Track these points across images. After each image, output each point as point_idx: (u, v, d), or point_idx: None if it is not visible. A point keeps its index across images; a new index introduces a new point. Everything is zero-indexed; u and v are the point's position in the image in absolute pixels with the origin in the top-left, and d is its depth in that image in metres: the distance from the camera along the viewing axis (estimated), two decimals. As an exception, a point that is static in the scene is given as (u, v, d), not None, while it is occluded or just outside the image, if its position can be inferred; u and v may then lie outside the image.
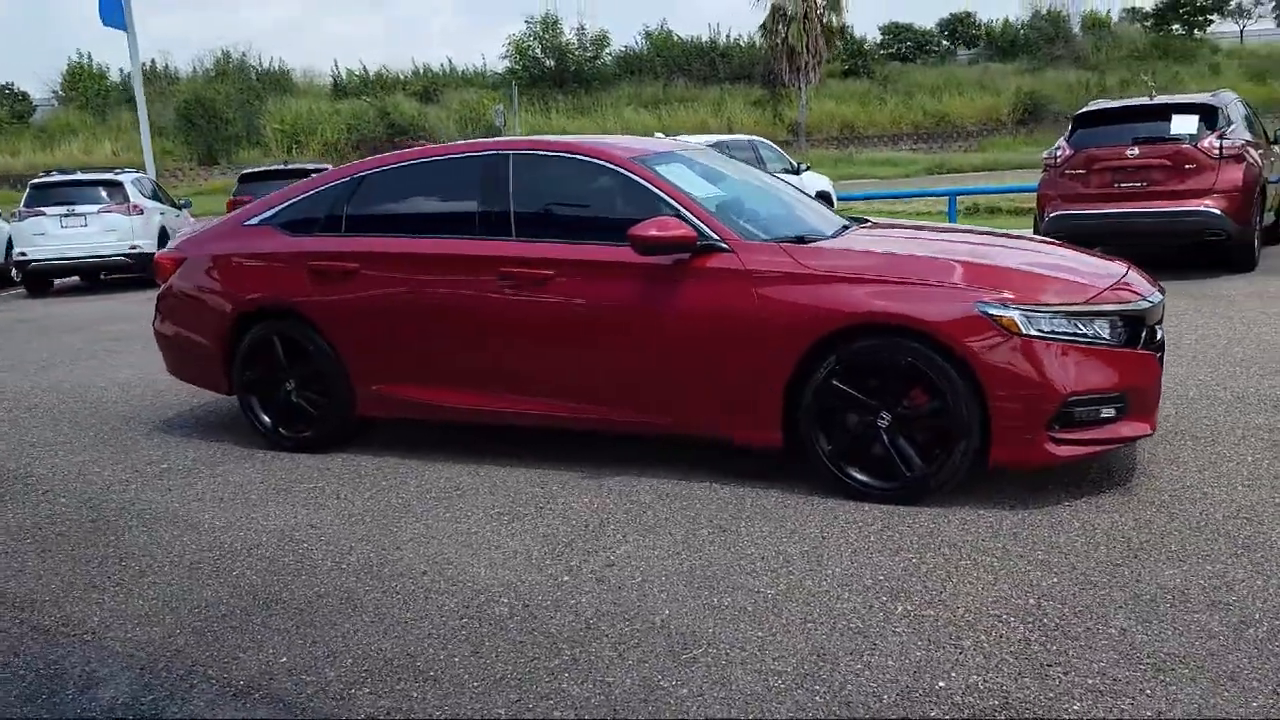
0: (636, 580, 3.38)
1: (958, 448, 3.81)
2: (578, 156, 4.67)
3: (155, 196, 16.08)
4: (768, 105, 44.09)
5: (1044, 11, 47.96)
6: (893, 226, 5.14)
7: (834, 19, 39.58)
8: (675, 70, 47.41)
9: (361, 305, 4.83)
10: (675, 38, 49.06)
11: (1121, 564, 3.29)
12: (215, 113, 41.94)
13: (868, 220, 5.17)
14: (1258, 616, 2.89)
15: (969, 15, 49.32)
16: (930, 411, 3.86)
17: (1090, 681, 2.60)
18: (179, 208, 16.96)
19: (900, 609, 3.07)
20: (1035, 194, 10.54)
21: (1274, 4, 52.23)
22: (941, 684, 2.64)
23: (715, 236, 4.18)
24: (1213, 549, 3.35)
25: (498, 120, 38.21)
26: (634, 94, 46.07)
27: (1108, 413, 3.83)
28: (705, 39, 48.91)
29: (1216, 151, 9.18)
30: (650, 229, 4.12)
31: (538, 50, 47.39)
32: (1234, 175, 9.18)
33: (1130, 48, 46.44)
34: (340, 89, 47.49)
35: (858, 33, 47.69)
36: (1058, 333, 3.74)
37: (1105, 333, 3.83)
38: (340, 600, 3.36)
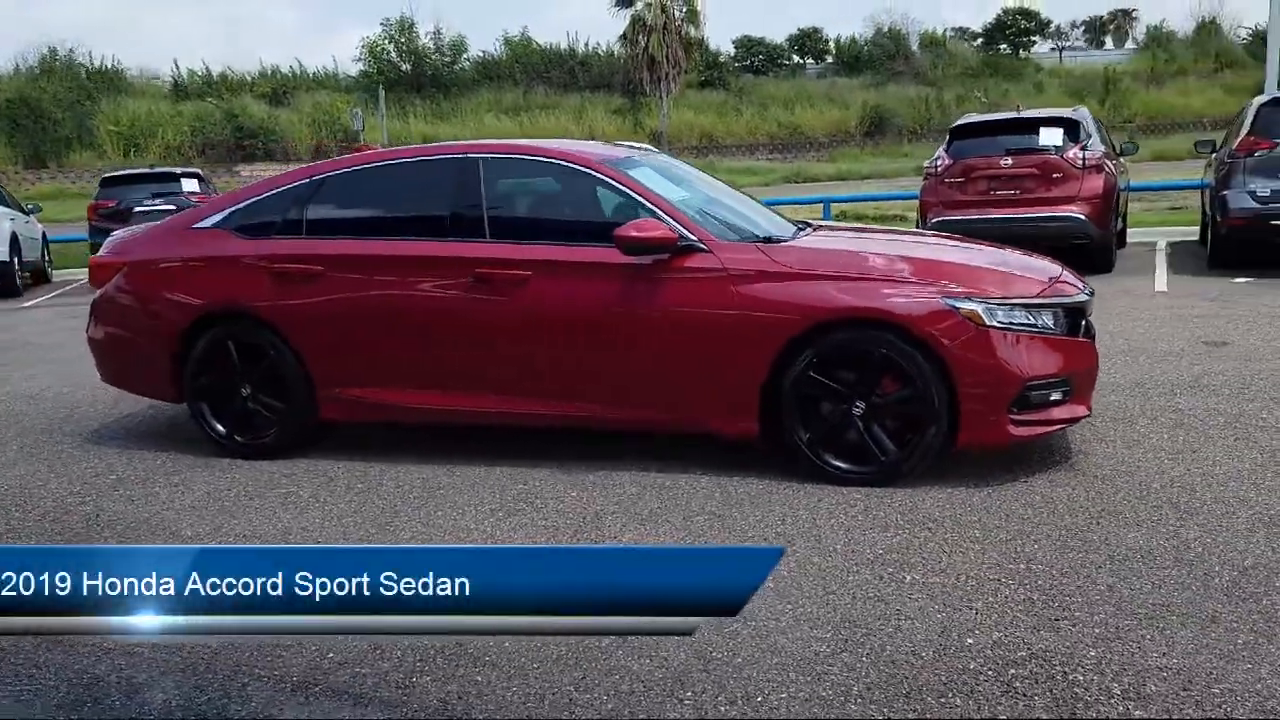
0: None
1: (929, 432, 4.13)
2: (551, 160, 4.80)
3: (2, 201, 15.12)
4: (628, 114, 44.68)
5: (885, 29, 50.31)
6: (840, 229, 5.46)
7: (692, 31, 40.47)
8: (535, 77, 47.44)
9: (326, 308, 4.80)
10: (534, 45, 49.13)
11: (1088, 530, 3.66)
12: (42, 113, 39.41)
13: (811, 223, 5.47)
14: (1218, 569, 3.28)
15: (817, 31, 51.34)
16: (901, 399, 4.17)
17: (1097, 631, 2.92)
18: (27, 213, 15.97)
19: (909, 578, 3.34)
20: (917, 200, 11.20)
21: (1084, 29, 56.64)
22: (970, 640, 2.90)
23: (693, 237, 4.38)
24: (1161, 514, 3.76)
25: (355, 123, 37.40)
26: (494, 100, 45.86)
27: (1055, 396, 4.22)
28: (564, 47, 49.17)
29: (1080, 162, 10.01)
30: (636, 230, 4.29)
31: (393, 54, 46.59)
32: (1095, 184, 10.03)
33: (964, 65, 49.28)
34: (181, 90, 45.41)
35: (712, 45, 48.90)
36: (1014, 323, 4.11)
37: (1052, 323, 4.22)
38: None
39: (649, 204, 4.51)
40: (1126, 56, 51.08)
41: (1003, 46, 51.11)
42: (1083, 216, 9.90)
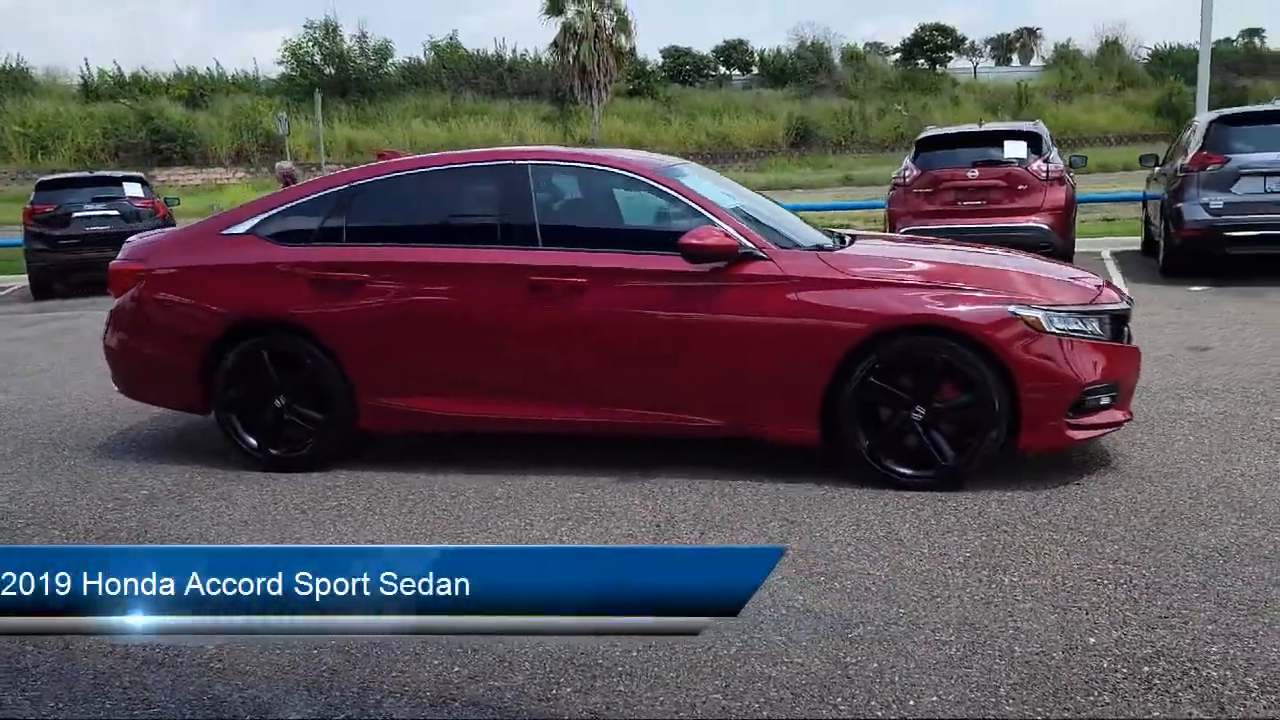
0: (749, 571, 3.55)
1: (989, 436, 4.23)
2: (601, 167, 4.79)
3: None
4: (558, 121, 44.63)
5: (809, 44, 51.25)
6: (881, 239, 5.55)
7: (623, 40, 40.62)
8: (463, 83, 47.05)
9: (372, 316, 4.71)
10: (462, 50, 48.75)
11: (1158, 530, 3.79)
12: (-60, 113, 37.69)
13: (851, 232, 5.52)
14: (1296, 564, 3.44)
15: (742, 43, 52.08)
16: (961, 404, 4.26)
17: (1210, 628, 3.02)
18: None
19: (1007, 580, 3.41)
20: (885, 210, 11.44)
21: (991, 47, 58.55)
22: (1092, 640, 2.99)
23: (751, 245, 4.42)
24: (1220, 514, 3.91)
25: (281, 128, 36.50)
26: (421, 106, 45.34)
27: (1105, 401, 4.37)
28: (492, 53, 48.92)
29: (1044, 174, 10.36)
30: (699, 237, 4.31)
31: (317, 57, 45.71)
32: (1058, 195, 10.39)
33: (884, 79, 50.46)
34: (91, 90, 43.83)
35: (640, 55, 49.15)
36: (1071, 330, 4.24)
37: (1100, 330, 4.37)
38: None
39: (706, 211, 4.53)
40: (1036, 74, 52.87)
41: (920, 62, 52.44)
42: (1046, 226, 10.23)
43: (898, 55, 52.86)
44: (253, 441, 4.91)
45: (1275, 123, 10.17)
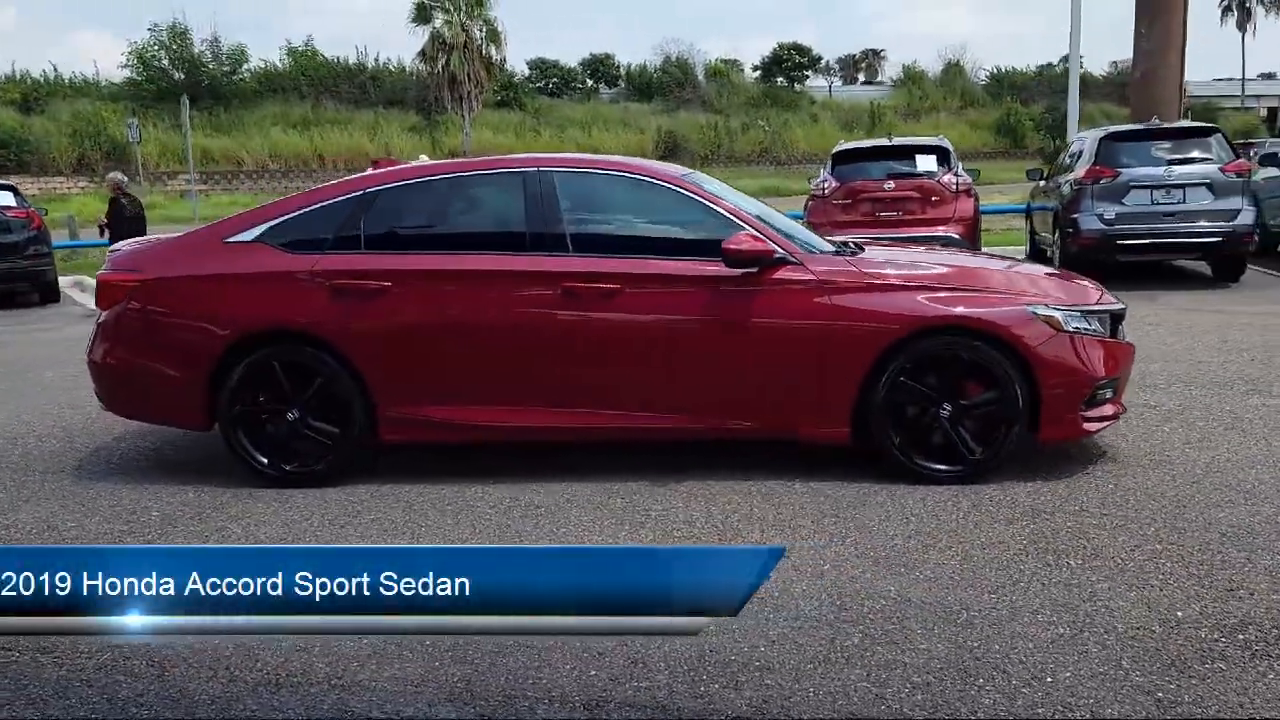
0: (830, 566, 3.65)
1: (1013, 430, 4.47)
2: (626, 174, 4.82)
3: None
4: (425, 132, 43.94)
5: (673, 59, 52.12)
6: (889, 247, 5.72)
7: (494, 51, 40.36)
8: (323, 91, 45.74)
9: (395, 325, 4.60)
10: (320, 57, 47.36)
11: (1181, 512, 4.08)
12: None
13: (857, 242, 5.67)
14: (1318, 538, 3.78)
15: (609, 56, 52.47)
16: (986, 400, 4.48)
17: (1274, 598, 3.30)
18: None
19: (1073, 563, 3.62)
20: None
21: (839, 66, 61.02)
22: (1180, 613, 3.21)
23: (783, 250, 4.54)
24: (1229, 496, 4.24)
25: (131, 135, 34.66)
26: (280, 114, 43.80)
27: (1108, 394, 4.68)
28: (353, 61, 47.75)
29: (954, 186, 10.92)
30: (738, 243, 4.40)
31: (164, 61, 43.55)
32: (966, 205, 10.98)
33: (746, 95, 51.84)
34: (-96, 92, 40.56)
35: (506, 66, 48.94)
36: (1082, 329, 4.53)
37: (1103, 328, 4.67)
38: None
39: (734, 217, 4.63)
40: (886, 93, 55.32)
41: (779, 79, 54.08)
42: (957, 236, 10.76)
43: (758, 73, 54.31)
44: (263, 458, 4.70)
45: (1158, 140, 11.01)
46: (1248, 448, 4.90)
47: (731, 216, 4.64)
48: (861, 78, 71.73)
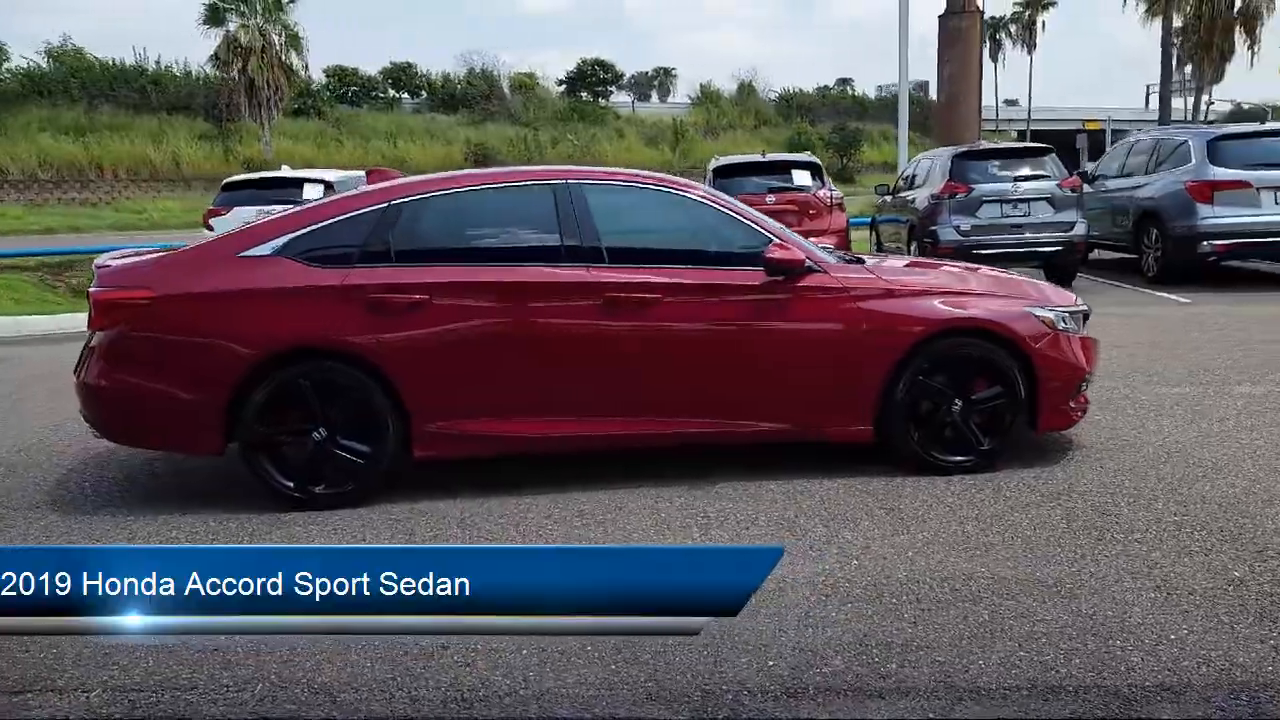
0: (913, 553, 3.91)
1: (1015, 422, 4.89)
2: (655, 187, 4.94)
3: None
4: (217, 140, 41.66)
5: (478, 70, 51.79)
6: (885, 256, 6.06)
7: (295, 57, 38.77)
8: (98, 95, 42.43)
9: (433, 339, 4.51)
10: (88, 57, 43.92)
11: (1176, 488, 4.58)
12: None
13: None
14: (1295, 503, 4.38)
15: (410, 65, 51.45)
16: (993, 395, 4.88)
17: (1297, 553, 3.83)
18: None
19: (1119, 536, 4.03)
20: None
21: (632, 83, 62.48)
22: (1236, 574, 3.66)
23: (809, 259, 4.78)
24: (1203, 472, 4.80)
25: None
26: (49, 119, 40.31)
27: (1086, 387, 5.19)
28: (131, 63, 44.57)
29: (829, 200, 11.60)
30: (778, 252, 4.61)
31: (-95, 58, 39.24)
32: (840, 218, 11.70)
33: (553, 109, 52.19)
34: None
35: (303, 73, 47.08)
36: (1069, 328, 5.01)
37: (1079, 327, 5.19)
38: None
39: (760, 228, 4.84)
40: (685, 110, 57.11)
41: (584, 94, 54.77)
42: (833, 246, 11.41)
43: (562, 87, 54.78)
44: (288, 481, 4.48)
45: (1001, 158, 12.09)
46: (1198, 427, 5.54)
47: (756, 227, 4.85)
48: (655, 96, 73.69)
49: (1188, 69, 41.56)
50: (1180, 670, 3.00)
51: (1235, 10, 32.64)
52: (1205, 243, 11.02)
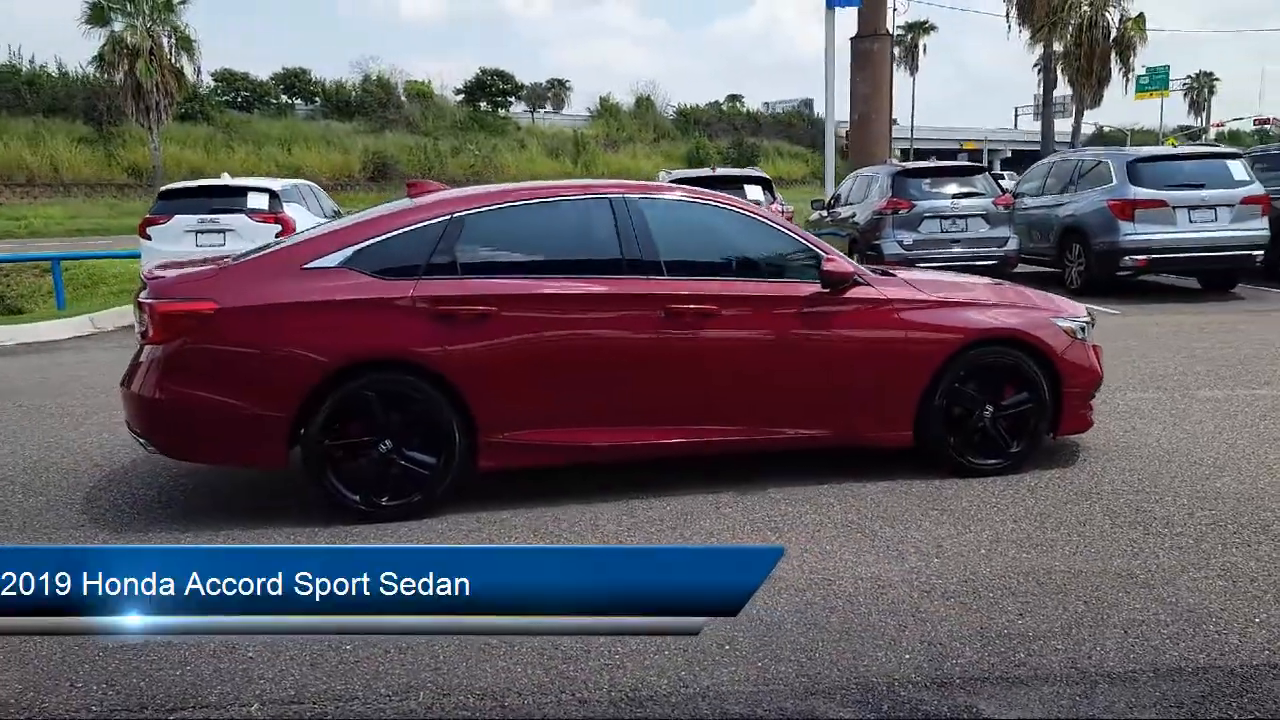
0: (986, 550, 4.14)
1: (1041, 425, 5.19)
2: (704, 202, 5.10)
3: None
4: (98, 144, 39.91)
5: (374, 77, 50.91)
6: (901, 268, 6.27)
7: (185, 60, 37.35)
8: (-39, 96, 40.19)
9: (501, 350, 4.53)
10: (-49, 57, 41.56)
11: (1187, 486, 4.93)
12: None
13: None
14: (1301, 497, 4.78)
15: (304, 71, 50.23)
16: (1019, 401, 5.17)
17: (1324, 541, 4.20)
18: None
19: (1163, 530, 4.33)
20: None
21: (525, 95, 62.32)
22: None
23: (856, 272, 4.99)
24: (1208, 471, 5.19)
25: None
26: (-88, 120, 38.00)
27: (1095, 392, 5.54)
28: (3, 62, 42.31)
29: (780, 214, 11.89)
30: (833, 265, 4.81)
31: None
32: (789, 233, 12.00)
33: (453, 119, 51.71)
34: None
35: (190, 76, 45.45)
36: (1084, 336, 5.35)
37: (1088, 335, 5.54)
38: (796, 615, 3.55)
39: (804, 241, 5.05)
40: (585, 122, 57.37)
41: (483, 104, 54.45)
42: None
43: (460, 96, 54.33)
44: (353, 494, 4.43)
45: (938, 176, 12.65)
46: (1169, 432, 5.96)
47: (801, 240, 5.03)
48: (549, 107, 73.70)
49: (1057, 93, 44.09)
50: (1277, 649, 3.28)
51: (1111, 39, 34.83)
52: (1127, 257, 11.75)
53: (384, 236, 4.59)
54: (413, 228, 4.62)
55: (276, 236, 11.31)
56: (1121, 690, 3.04)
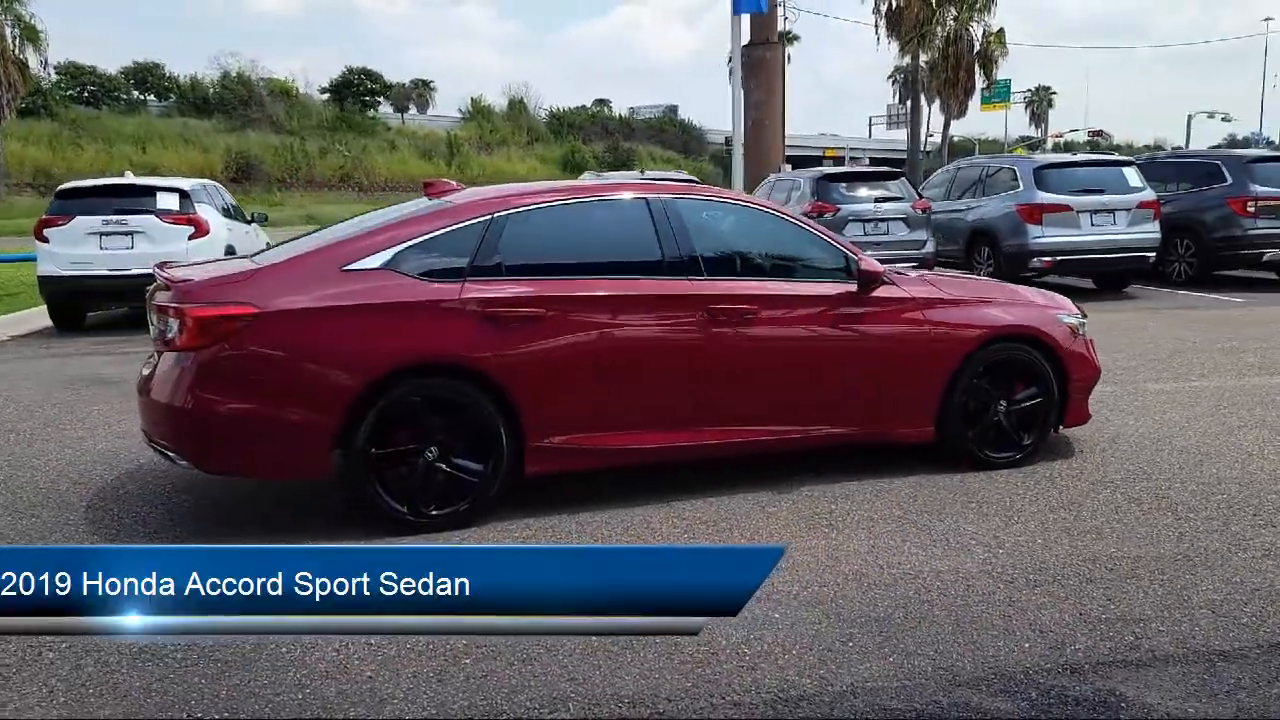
0: (1041, 541, 4.26)
1: (1049, 419, 5.38)
2: (735, 202, 5.12)
3: None
4: (-71, 140, 36.92)
5: (234, 74, 48.87)
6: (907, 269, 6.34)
7: (31, 53, 34.96)
8: None
9: (551, 352, 4.40)
10: None
11: (1190, 471, 5.21)
12: None
13: None
14: (1293, 480, 5.11)
15: (157, 66, 47.77)
16: (1031, 395, 5.34)
17: (1335, 520, 4.50)
18: None
19: (1191, 515, 4.55)
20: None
21: (390, 95, 61.08)
22: (1307, 538, 4.27)
23: (884, 271, 5.06)
24: (1190, 458, 5.49)
25: None
26: None
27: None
28: None
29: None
30: (871, 264, 4.86)
31: None
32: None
33: (319, 118, 50.10)
34: None
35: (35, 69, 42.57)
36: (1083, 332, 5.57)
37: (1086, 330, 5.77)
38: (902, 611, 3.58)
39: (831, 241, 5.09)
40: (458, 124, 56.54)
41: (350, 103, 52.97)
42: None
43: (326, 95, 52.69)
44: (400, 505, 4.22)
45: (860, 181, 13.00)
46: (1144, 423, 6.28)
47: (830, 240, 5.08)
48: (413, 109, 72.25)
49: (909, 104, 46.09)
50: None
51: (975, 52, 36.67)
52: (1035, 259, 12.34)
53: (425, 238, 4.39)
54: (453, 228, 4.44)
55: (190, 239, 10.74)
56: (1240, 668, 3.17)
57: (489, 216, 4.51)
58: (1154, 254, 12.54)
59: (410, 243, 4.37)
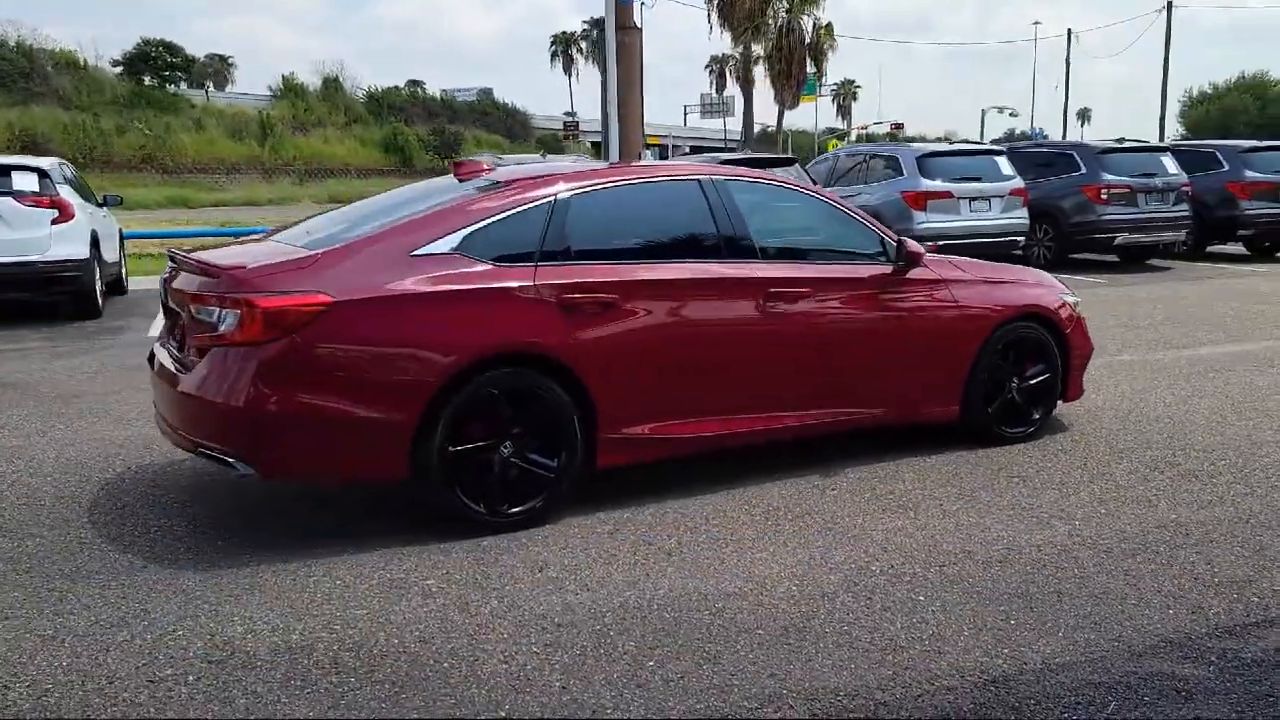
0: (1082, 512, 4.40)
1: (1054, 394, 5.58)
2: (779, 185, 5.07)
3: None
4: None
5: (13, 43, 44.53)
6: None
7: None
8: None
9: (626, 340, 4.20)
10: None
11: (1178, 439, 5.52)
12: None
13: None
14: None
15: (-81, 32, 42.89)
16: (1039, 372, 5.51)
17: (1335, 479, 4.88)
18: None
19: (1212, 483, 4.81)
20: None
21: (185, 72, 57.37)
22: (1325, 498, 4.60)
23: (922, 252, 5.10)
24: (1177, 427, 5.81)
25: None
26: None
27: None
28: None
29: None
30: (914, 248, 4.88)
31: None
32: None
33: (114, 94, 46.36)
34: None
35: None
36: (1078, 311, 5.80)
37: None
38: (1035, 586, 3.62)
39: (868, 224, 5.09)
40: (269, 102, 53.61)
41: (147, 78, 49.30)
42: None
43: (119, 69, 48.80)
44: (476, 504, 3.92)
45: (760, 168, 13.09)
46: (1115, 393, 6.62)
47: (866, 223, 5.08)
48: (211, 85, 68.07)
49: (727, 93, 47.41)
50: None
51: (806, 44, 37.90)
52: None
53: (491, 220, 4.08)
54: (518, 211, 4.15)
55: (53, 224, 9.67)
56: (1366, 622, 3.37)
57: (551, 198, 4.24)
58: (1024, 238, 13.31)
59: (477, 225, 4.04)
